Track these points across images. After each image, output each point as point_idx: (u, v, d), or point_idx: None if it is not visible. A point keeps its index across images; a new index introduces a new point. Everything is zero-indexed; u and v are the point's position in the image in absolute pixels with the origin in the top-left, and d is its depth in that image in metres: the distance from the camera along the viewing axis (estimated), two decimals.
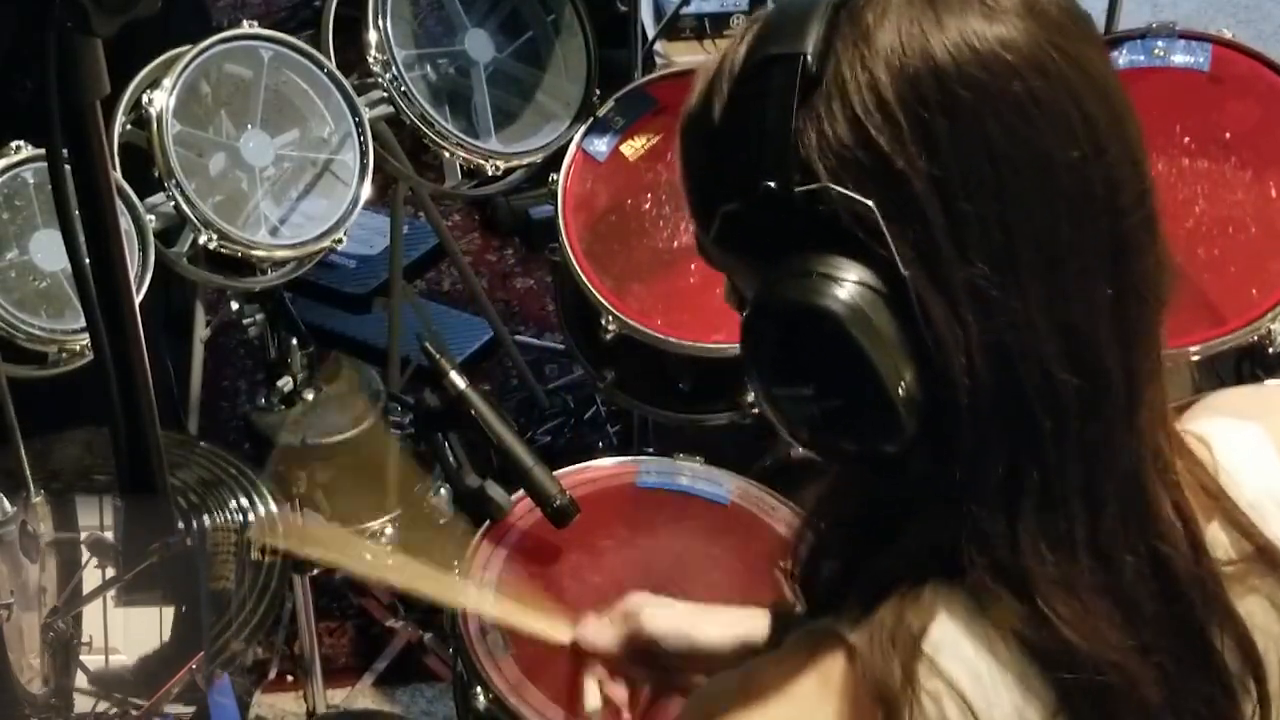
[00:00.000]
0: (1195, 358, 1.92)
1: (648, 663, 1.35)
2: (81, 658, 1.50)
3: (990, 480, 0.86)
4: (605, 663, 1.37)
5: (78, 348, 1.86)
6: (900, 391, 0.84)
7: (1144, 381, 0.89)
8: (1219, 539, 0.93)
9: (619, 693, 1.37)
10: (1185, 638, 0.90)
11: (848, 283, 0.83)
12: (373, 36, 2.24)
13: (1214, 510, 0.94)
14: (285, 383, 2.19)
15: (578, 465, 2.00)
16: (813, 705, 0.88)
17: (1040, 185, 0.84)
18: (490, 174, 2.37)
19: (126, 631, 1.51)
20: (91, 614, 1.52)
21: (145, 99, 1.98)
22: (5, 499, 1.49)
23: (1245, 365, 1.99)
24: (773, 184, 0.84)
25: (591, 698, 1.45)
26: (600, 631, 1.37)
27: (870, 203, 0.82)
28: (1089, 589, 0.87)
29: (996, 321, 0.84)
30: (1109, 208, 0.86)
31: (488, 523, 1.89)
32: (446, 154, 2.33)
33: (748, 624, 1.27)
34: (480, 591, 1.72)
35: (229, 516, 1.81)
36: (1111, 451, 0.88)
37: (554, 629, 1.44)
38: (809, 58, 0.84)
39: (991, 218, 0.83)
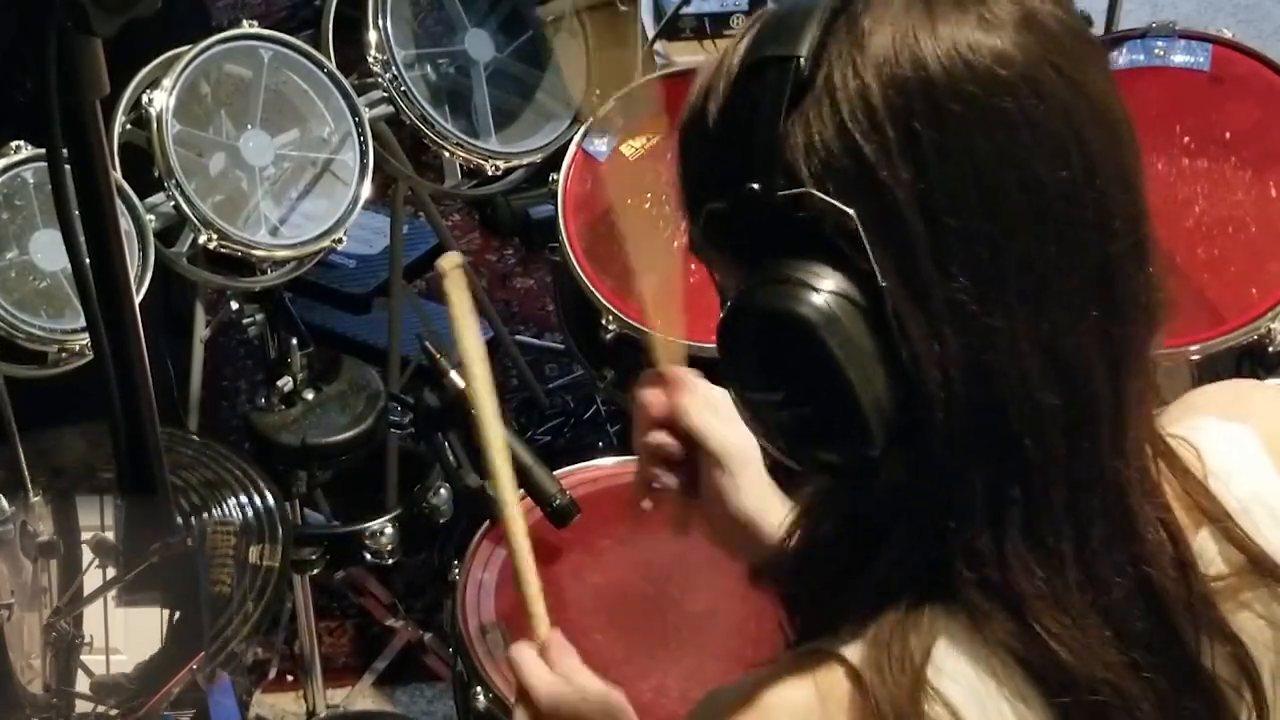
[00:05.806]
0: (1195, 357, 1.92)
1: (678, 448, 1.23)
2: (82, 658, 1.50)
3: (973, 497, 0.85)
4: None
5: (78, 348, 1.86)
6: (871, 403, 0.83)
7: (1131, 403, 0.88)
8: (1209, 549, 0.93)
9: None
10: (1174, 655, 0.90)
11: (824, 291, 0.82)
12: (373, 36, 2.24)
13: (1204, 520, 0.93)
14: (285, 383, 2.19)
15: (578, 465, 2.00)
16: None
17: (1028, 205, 0.83)
18: (490, 174, 2.37)
19: (127, 631, 1.51)
20: (92, 614, 1.51)
21: (145, 99, 1.98)
22: (5, 499, 1.50)
23: (1245, 365, 1.98)
24: (756, 186, 0.84)
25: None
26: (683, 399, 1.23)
27: (851, 211, 0.82)
28: (1079, 606, 0.87)
29: (976, 339, 0.83)
30: (1099, 231, 0.85)
31: (487, 523, 1.89)
32: (446, 154, 2.33)
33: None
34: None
35: (229, 516, 1.81)
36: (1097, 472, 0.87)
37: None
38: (802, 60, 0.83)
39: (976, 234, 0.82)
